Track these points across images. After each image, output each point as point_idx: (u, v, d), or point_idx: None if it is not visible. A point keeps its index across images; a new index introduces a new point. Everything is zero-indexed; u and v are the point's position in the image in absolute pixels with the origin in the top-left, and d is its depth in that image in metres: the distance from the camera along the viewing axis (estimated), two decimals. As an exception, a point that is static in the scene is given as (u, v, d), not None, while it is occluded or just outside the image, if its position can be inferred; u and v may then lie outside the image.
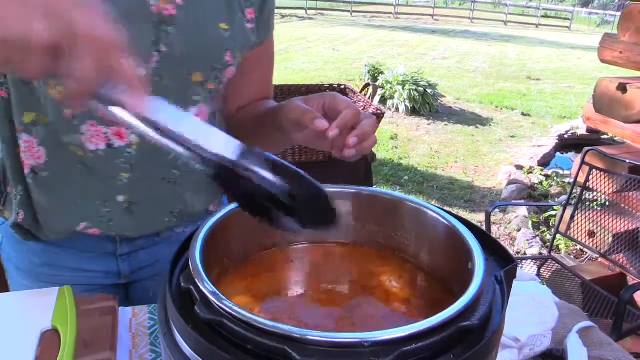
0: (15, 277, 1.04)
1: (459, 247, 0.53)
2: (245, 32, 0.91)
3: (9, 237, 1.01)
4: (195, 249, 0.48)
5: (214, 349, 0.40)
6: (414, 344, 0.39)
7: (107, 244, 0.98)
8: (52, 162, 0.88)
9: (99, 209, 0.91)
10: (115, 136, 0.85)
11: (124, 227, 0.94)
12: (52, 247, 0.98)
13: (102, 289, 1.02)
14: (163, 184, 0.92)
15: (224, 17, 0.86)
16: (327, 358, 0.38)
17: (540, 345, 0.79)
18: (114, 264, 1.01)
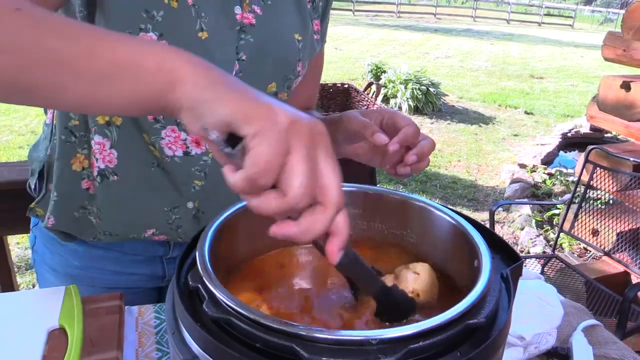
0: (49, 278, 1.01)
1: (465, 245, 0.53)
2: (312, 43, 0.94)
3: (45, 238, 0.99)
4: (203, 248, 0.48)
5: (222, 346, 0.40)
6: (421, 342, 0.39)
7: (159, 248, 0.97)
8: (123, 166, 0.86)
9: (169, 215, 0.89)
10: (193, 143, 0.84)
11: (190, 234, 0.90)
12: (95, 250, 0.96)
13: (142, 291, 1.02)
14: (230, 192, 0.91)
15: (298, 28, 0.88)
16: (335, 356, 0.38)
17: (546, 343, 0.79)
18: (160, 267, 1.00)
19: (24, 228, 1.77)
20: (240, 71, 0.83)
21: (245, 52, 0.82)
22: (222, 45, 0.79)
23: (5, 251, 1.69)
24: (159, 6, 0.73)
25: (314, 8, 0.92)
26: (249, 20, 0.82)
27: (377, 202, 0.62)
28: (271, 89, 0.88)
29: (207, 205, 0.91)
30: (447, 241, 0.57)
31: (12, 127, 6.08)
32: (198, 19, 0.76)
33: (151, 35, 0.73)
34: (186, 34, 0.75)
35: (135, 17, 0.72)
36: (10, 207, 1.62)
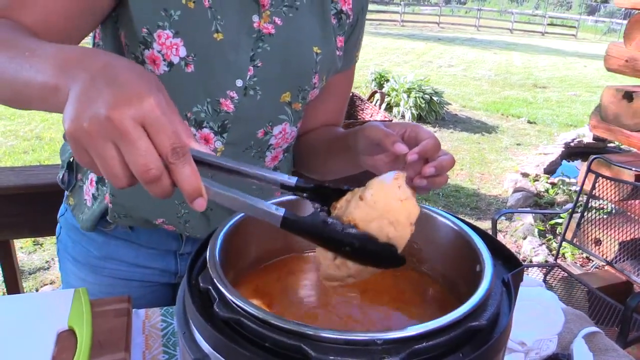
0: (70, 268, 1.05)
1: (467, 251, 0.55)
2: (333, 58, 0.94)
3: (69, 228, 1.04)
4: (214, 251, 0.50)
5: (233, 346, 0.41)
6: (424, 343, 0.40)
7: (172, 242, 1.00)
8: None
9: (178, 209, 0.92)
10: (202, 141, 0.87)
11: (198, 229, 0.95)
12: (114, 240, 1.00)
13: (155, 286, 1.05)
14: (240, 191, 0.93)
15: (318, 41, 0.90)
16: (341, 355, 0.39)
17: (547, 349, 0.80)
18: (173, 263, 1.03)
19: (30, 232, 1.80)
20: (255, 76, 0.85)
21: (261, 59, 0.84)
22: (236, 48, 0.82)
23: (12, 255, 1.71)
24: (177, 6, 0.77)
25: (340, 25, 0.93)
26: (268, 30, 0.84)
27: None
28: (285, 98, 0.89)
29: (215, 204, 0.92)
30: (450, 247, 0.58)
31: (17, 132, 6.12)
32: (214, 21, 0.79)
33: (168, 33, 0.77)
34: (201, 34, 0.79)
35: (155, 15, 0.76)
36: (17, 212, 1.65)
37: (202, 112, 0.84)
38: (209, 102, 0.84)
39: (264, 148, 0.93)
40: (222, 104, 0.84)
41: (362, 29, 1.00)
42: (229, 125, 0.87)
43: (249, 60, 0.83)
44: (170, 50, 0.79)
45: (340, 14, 0.93)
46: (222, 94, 0.84)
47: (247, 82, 0.84)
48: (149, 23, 0.77)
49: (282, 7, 0.85)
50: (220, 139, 0.87)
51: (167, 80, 0.80)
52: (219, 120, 0.86)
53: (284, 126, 0.93)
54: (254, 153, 0.92)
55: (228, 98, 0.84)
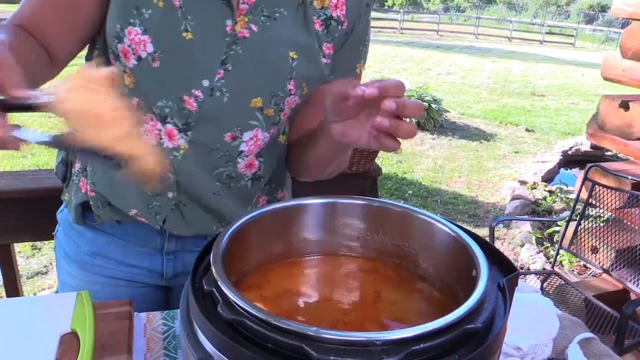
0: (63, 265, 1.08)
1: (464, 256, 0.56)
2: (317, 66, 0.92)
3: (64, 224, 1.06)
4: (218, 254, 0.51)
5: (236, 346, 0.43)
6: (421, 344, 0.42)
7: (156, 238, 1.01)
8: None
9: (150, 200, 0.94)
10: (166, 136, 0.89)
11: (172, 224, 0.97)
12: (103, 236, 1.02)
13: (143, 288, 1.06)
14: (208, 192, 0.95)
15: (296, 46, 0.88)
16: (341, 355, 0.41)
17: (542, 354, 0.81)
18: (159, 263, 1.04)
19: (31, 237, 1.81)
20: (223, 78, 0.85)
21: (232, 62, 0.85)
22: (205, 49, 0.83)
23: (12, 259, 1.72)
24: (148, 5, 0.81)
25: (328, 32, 0.91)
26: (243, 33, 0.84)
27: (380, 214, 0.65)
28: (256, 103, 0.89)
29: (186, 199, 0.95)
30: (446, 252, 0.60)
31: (16, 136, 6.12)
32: (184, 20, 0.82)
33: (137, 30, 0.81)
34: (169, 32, 0.82)
35: (127, 13, 0.81)
36: (18, 216, 1.66)
37: (167, 108, 0.87)
38: (173, 99, 0.86)
39: (234, 154, 0.92)
40: (185, 101, 0.86)
41: (362, 40, 0.97)
42: (193, 123, 0.88)
43: (219, 62, 0.84)
44: (138, 46, 0.82)
45: (330, 20, 0.91)
46: (186, 91, 0.85)
47: (214, 83, 0.85)
48: (122, 20, 0.82)
49: (260, 16, 0.85)
50: (184, 136, 0.89)
51: (137, 73, 0.85)
52: (183, 118, 0.87)
53: (255, 132, 0.92)
54: (220, 155, 0.92)
55: (192, 96, 0.85)
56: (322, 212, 0.65)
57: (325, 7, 0.90)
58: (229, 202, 0.98)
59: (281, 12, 0.86)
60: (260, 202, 1.04)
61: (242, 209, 1.00)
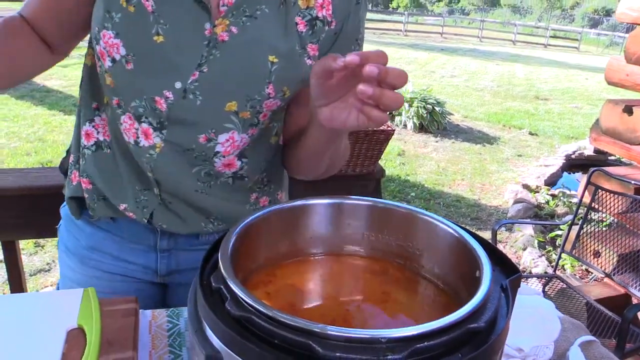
0: (63, 258, 1.10)
1: (467, 257, 0.57)
2: (299, 68, 0.89)
3: (65, 218, 1.10)
4: (225, 252, 0.52)
5: (244, 342, 0.44)
6: (425, 342, 0.43)
7: (149, 235, 1.03)
8: (113, 142, 0.97)
9: (138, 194, 0.97)
10: (142, 135, 0.90)
11: (159, 219, 0.98)
12: (100, 232, 1.04)
13: (139, 283, 1.08)
14: (190, 190, 0.96)
15: (276, 50, 0.86)
16: (347, 352, 0.41)
17: (543, 355, 0.82)
18: (153, 260, 1.05)
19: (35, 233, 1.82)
20: (197, 81, 0.85)
21: (208, 65, 0.84)
22: (180, 51, 0.84)
23: (17, 255, 1.73)
24: (118, 9, 0.83)
25: (313, 32, 0.88)
26: (223, 37, 0.84)
27: (385, 214, 0.65)
28: (230, 107, 0.87)
29: (169, 196, 0.97)
30: (450, 253, 0.61)
31: (19, 134, 6.16)
32: (156, 25, 0.83)
33: (110, 33, 0.84)
34: (140, 36, 0.83)
35: (102, 16, 0.84)
36: (23, 213, 1.67)
37: (140, 107, 0.88)
38: (146, 99, 0.87)
39: (210, 154, 0.92)
40: (156, 102, 0.87)
41: (354, 39, 0.94)
42: (166, 123, 0.89)
43: (195, 64, 0.84)
44: (112, 49, 0.85)
45: (315, 21, 0.88)
46: (158, 92, 0.86)
47: (187, 86, 0.85)
48: (98, 23, 0.85)
49: (242, 17, 0.84)
50: (159, 134, 0.90)
51: (113, 74, 0.87)
52: (156, 118, 0.89)
53: (231, 134, 0.91)
54: (196, 155, 0.92)
55: (163, 97, 0.86)
56: (328, 212, 0.66)
57: (310, 7, 0.87)
58: (214, 199, 0.98)
59: (262, 9, 0.85)
60: (261, 202, 1.05)
61: (232, 205, 1.01)
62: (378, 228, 0.66)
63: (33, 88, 8.22)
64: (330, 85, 0.67)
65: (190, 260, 1.06)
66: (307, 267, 0.66)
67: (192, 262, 1.06)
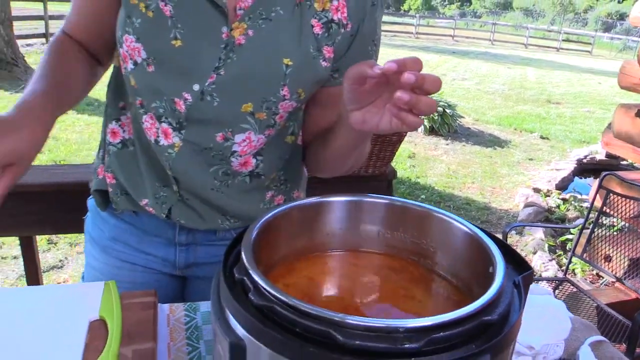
0: (88, 248, 1.15)
1: (480, 253, 0.59)
2: (315, 70, 0.91)
3: (92, 210, 1.14)
4: (248, 245, 0.54)
5: (268, 330, 0.46)
6: (441, 333, 0.44)
7: (168, 229, 1.06)
8: (136, 140, 1.00)
9: (157, 191, 1.00)
10: (162, 134, 0.94)
11: (179, 215, 1.01)
12: (122, 224, 1.08)
13: (158, 275, 1.11)
14: (206, 188, 0.99)
15: (290, 53, 0.88)
16: (366, 340, 0.43)
17: (554, 354, 0.83)
18: (172, 253, 1.08)
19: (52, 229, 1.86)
20: (214, 83, 0.88)
21: (225, 68, 0.87)
22: (197, 55, 0.86)
23: (34, 250, 1.76)
24: (138, 14, 0.86)
25: (329, 35, 0.90)
26: (239, 40, 0.86)
27: (401, 212, 0.67)
28: (246, 108, 0.90)
29: (187, 193, 1.00)
30: (464, 250, 0.62)
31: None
32: (174, 29, 0.85)
33: (131, 38, 0.87)
34: (159, 40, 0.86)
35: (124, 21, 0.87)
36: (41, 209, 1.71)
37: (161, 108, 0.91)
38: (166, 100, 0.90)
39: (227, 153, 0.95)
40: (176, 102, 0.90)
41: (371, 40, 0.95)
42: (185, 123, 0.92)
43: (212, 67, 0.87)
44: (134, 52, 0.88)
45: (331, 23, 0.90)
46: (177, 94, 0.89)
47: (204, 88, 0.88)
48: (120, 28, 0.88)
49: (258, 19, 0.86)
50: (178, 134, 0.93)
51: (135, 75, 0.91)
52: (176, 118, 0.92)
53: (247, 135, 0.94)
54: (214, 154, 0.95)
55: (182, 99, 0.89)
56: (346, 209, 0.68)
57: (326, 9, 0.89)
58: (230, 198, 1.01)
59: (277, 11, 0.86)
60: (276, 200, 1.08)
61: (246, 204, 1.03)
62: (394, 226, 0.68)
63: (47, 87, 8.31)
64: (363, 90, 0.70)
65: (208, 255, 1.08)
66: (324, 262, 0.68)
67: (210, 257, 1.09)
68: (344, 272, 0.69)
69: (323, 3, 0.89)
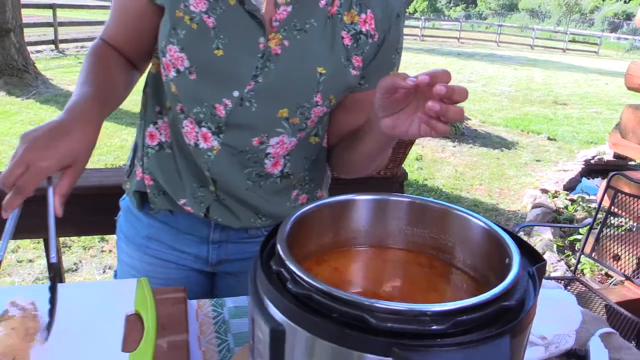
0: (122, 246, 1.20)
1: (497, 246, 0.63)
2: (345, 78, 0.98)
3: (125, 210, 1.19)
4: (282, 239, 0.59)
5: (306, 314, 0.50)
6: (465, 316, 0.49)
7: (203, 227, 1.11)
8: (174, 143, 1.06)
9: (195, 191, 1.06)
10: (202, 138, 1.00)
11: (215, 213, 1.07)
12: (157, 223, 1.13)
13: (190, 271, 1.17)
14: (241, 188, 1.05)
15: (324, 62, 0.94)
16: (397, 323, 0.48)
17: (565, 343, 0.88)
18: (205, 250, 1.14)
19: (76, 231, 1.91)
20: (253, 90, 0.94)
21: (263, 76, 0.93)
22: (237, 64, 0.93)
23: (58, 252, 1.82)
24: (183, 26, 0.92)
25: (358, 45, 0.97)
26: (275, 50, 0.93)
27: (421, 210, 0.72)
28: (282, 113, 0.97)
29: (223, 193, 1.05)
30: (481, 243, 0.67)
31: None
32: (216, 39, 0.91)
33: (175, 48, 0.93)
34: (202, 50, 0.92)
35: (168, 33, 0.93)
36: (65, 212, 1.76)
37: (201, 114, 0.97)
38: (206, 106, 0.96)
39: (261, 155, 1.01)
40: (216, 108, 0.96)
41: (394, 49, 1.03)
42: (224, 128, 0.98)
43: (250, 75, 0.93)
44: (177, 61, 0.93)
45: (359, 35, 0.96)
46: (218, 100, 0.95)
47: (243, 94, 0.94)
48: (164, 38, 0.94)
49: (293, 30, 0.93)
50: (217, 138, 0.99)
51: (177, 83, 0.96)
52: (215, 123, 0.97)
53: (281, 138, 1.00)
54: (249, 157, 1.01)
55: (222, 105, 0.95)
56: (371, 207, 0.72)
57: (354, 22, 0.96)
58: (262, 197, 1.07)
59: (311, 23, 0.93)
60: (300, 199, 1.13)
61: (276, 204, 1.09)
62: (414, 222, 0.72)
63: (57, 93, 8.41)
64: (394, 99, 0.77)
65: (239, 252, 1.14)
66: (351, 256, 0.73)
67: (240, 253, 1.14)
68: (368, 265, 0.73)
69: (352, 16, 0.96)
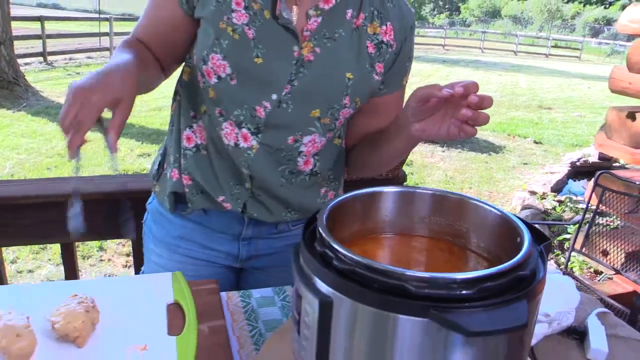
0: (151, 247, 1.27)
1: (508, 229, 0.72)
2: (369, 83, 1.09)
3: (154, 212, 1.26)
4: (322, 225, 0.67)
5: (352, 284, 0.59)
6: (488, 283, 0.58)
7: (236, 225, 1.20)
8: (209, 144, 1.14)
9: (232, 188, 1.14)
10: (242, 138, 1.08)
11: (252, 209, 1.16)
12: (190, 224, 1.21)
13: (219, 268, 1.25)
14: (276, 185, 1.14)
15: (351, 68, 1.06)
16: (432, 289, 0.57)
17: (566, 320, 0.97)
18: (236, 247, 1.22)
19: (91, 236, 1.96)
20: (289, 93, 1.04)
21: (298, 81, 1.03)
22: (274, 70, 1.03)
23: (74, 257, 1.88)
24: (226, 37, 1.01)
25: (380, 53, 1.08)
26: (309, 57, 1.03)
27: (440, 201, 0.81)
28: (315, 113, 1.07)
29: (257, 190, 1.14)
30: (494, 227, 0.75)
31: (39, 149, 6.35)
32: (255, 49, 1.01)
33: (218, 56, 1.02)
34: (243, 58, 1.02)
35: (211, 42, 1.02)
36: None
37: (241, 116, 1.06)
38: (247, 108, 1.05)
39: (295, 153, 1.11)
40: (256, 110, 1.05)
41: (408, 57, 1.15)
42: (262, 128, 1.07)
43: (287, 80, 1.03)
44: (219, 69, 1.03)
45: (381, 44, 1.08)
46: (258, 103, 1.05)
47: (281, 97, 1.04)
48: (207, 48, 1.02)
49: (323, 39, 1.03)
50: (256, 138, 1.08)
51: (218, 88, 1.05)
52: (254, 124, 1.07)
53: (313, 137, 1.10)
54: (284, 154, 1.11)
55: (262, 107, 1.05)
56: (396, 198, 0.81)
57: (377, 33, 1.08)
58: (293, 193, 1.16)
59: (339, 32, 1.04)
60: (329, 196, 1.24)
61: (306, 199, 1.19)
62: (433, 212, 0.81)
63: (48, 105, 8.43)
64: (427, 107, 0.91)
65: (268, 247, 1.22)
66: (378, 242, 0.82)
67: (269, 249, 1.23)
68: (394, 250, 0.82)
69: (374, 28, 1.07)
